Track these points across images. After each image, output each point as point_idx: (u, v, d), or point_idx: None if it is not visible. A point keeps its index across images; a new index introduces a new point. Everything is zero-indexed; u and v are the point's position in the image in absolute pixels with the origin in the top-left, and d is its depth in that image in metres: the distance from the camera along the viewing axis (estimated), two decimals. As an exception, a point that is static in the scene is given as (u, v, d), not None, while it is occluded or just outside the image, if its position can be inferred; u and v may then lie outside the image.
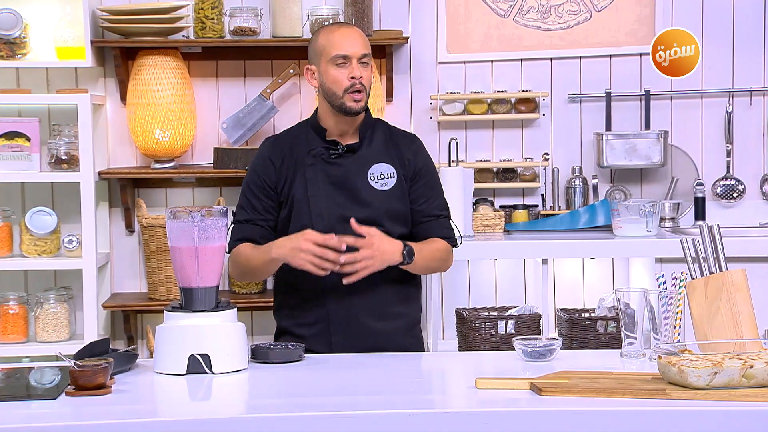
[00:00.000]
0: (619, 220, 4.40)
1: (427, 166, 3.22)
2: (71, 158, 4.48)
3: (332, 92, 3.09)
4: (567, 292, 4.78)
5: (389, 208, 3.13)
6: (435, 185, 3.22)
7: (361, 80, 3.08)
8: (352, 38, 3.10)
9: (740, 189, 4.83)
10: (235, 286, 4.68)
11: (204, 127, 4.74)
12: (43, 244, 4.50)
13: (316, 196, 3.11)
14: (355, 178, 3.13)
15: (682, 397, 2.36)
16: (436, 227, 3.17)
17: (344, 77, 3.07)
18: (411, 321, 3.20)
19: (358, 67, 3.08)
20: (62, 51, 4.56)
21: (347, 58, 3.08)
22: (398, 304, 3.15)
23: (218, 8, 4.59)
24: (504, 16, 4.82)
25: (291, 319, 3.18)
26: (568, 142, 4.84)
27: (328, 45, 3.10)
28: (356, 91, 3.07)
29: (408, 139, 3.25)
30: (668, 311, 2.86)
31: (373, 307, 3.10)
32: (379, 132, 3.20)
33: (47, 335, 4.48)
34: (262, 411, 2.38)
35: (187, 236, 2.71)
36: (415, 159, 3.19)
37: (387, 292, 3.12)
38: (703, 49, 4.73)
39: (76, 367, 2.46)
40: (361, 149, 3.15)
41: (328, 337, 3.11)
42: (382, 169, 3.15)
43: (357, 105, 3.08)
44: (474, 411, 2.34)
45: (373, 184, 3.13)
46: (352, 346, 3.08)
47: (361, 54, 3.09)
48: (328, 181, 3.12)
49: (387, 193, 3.14)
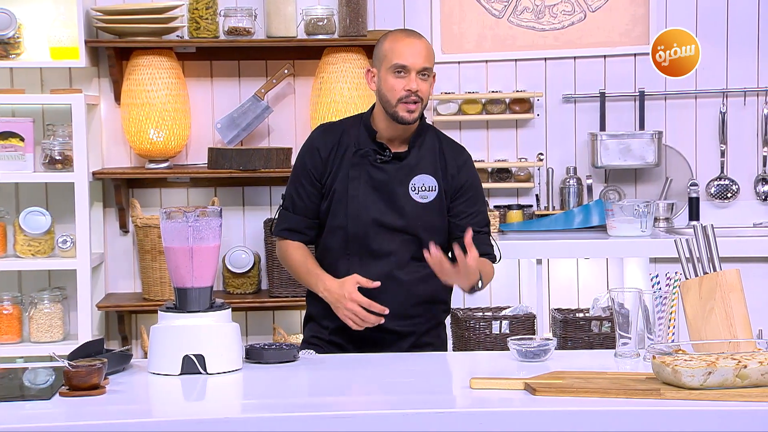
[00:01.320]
0: (614, 221, 4.41)
1: (472, 182, 3.20)
2: (65, 158, 4.47)
3: (386, 99, 3.08)
4: (561, 292, 4.78)
5: (425, 220, 3.12)
6: (478, 201, 3.20)
7: (418, 93, 3.06)
8: (415, 49, 3.07)
9: (734, 189, 4.84)
10: (229, 287, 4.68)
11: (198, 127, 4.74)
12: (37, 245, 4.49)
13: (355, 197, 3.12)
14: (397, 186, 3.12)
15: (676, 397, 2.36)
16: (478, 244, 3.08)
17: (400, 87, 3.05)
18: (433, 322, 3.21)
19: (417, 80, 3.06)
20: (56, 51, 4.55)
21: (407, 68, 3.06)
22: (422, 306, 3.15)
23: (213, 8, 4.58)
24: (498, 17, 4.82)
25: (316, 306, 3.19)
26: (562, 142, 4.84)
27: (390, 52, 3.08)
28: (411, 102, 3.06)
29: (456, 151, 3.22)
30: (662, 311, 2.86)
31: (395, 309, 3.06)
32: (429, 141, 3.18)
33: (41, 335, 4.48)
34: (256, 411, 2.38)
35: (182, 236, 2.71)
36: (458, 175, 3.17)
37: (410, 295, 3.12)
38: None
39: (70, 367, 2.46)
40: (408, 158, 3.14)
41: (350, 332, 3.09)
42: (424, 180, 3.14)
43: (409, 116, 3.07)
44: (468, 411, 2.34)
45: (413, 195, 3.13)
46: (374, 342, 3.09)
47: (422, 67, 3.07)
48: (370, 184, 3.12)
49: (425, 205, 3.13)
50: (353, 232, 3.08)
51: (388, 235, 3.10)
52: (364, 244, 3.11)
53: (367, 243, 3.11)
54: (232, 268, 4.64)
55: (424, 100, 3.09)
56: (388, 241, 3.10)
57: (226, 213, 4.57)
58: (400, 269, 3.11)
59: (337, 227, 3.12)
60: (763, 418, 2.28)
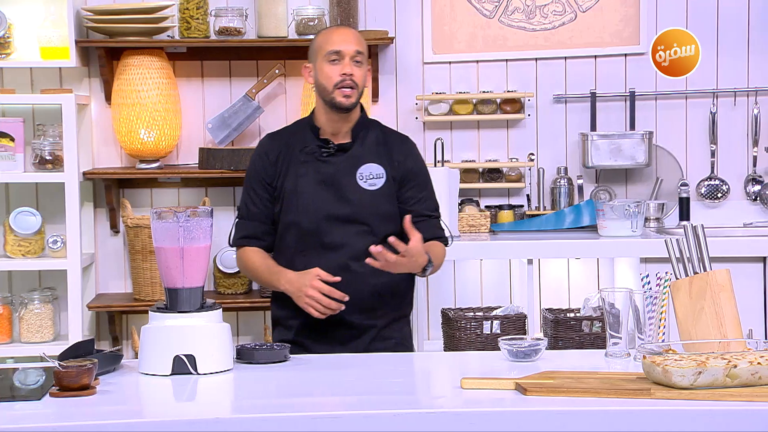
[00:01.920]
0: (604, 221, 4.42)
1: (418, 168, 3.27)
2: (56, 158, 4.46)
3: (323, 87, 3.16)
4: (552, 292, 4.79)
5: (376, 207, 3.18)
6: (426, 186, 3.27)
7: (352, 77, 3.14)
8: (346, 36, 3.17)
9: (724, 189, 4.85)
10: (220, 287, 4.68)
11: (189, 128, 4.74)
12: (28, 245, 4.48)
13: (305, 193, 3.18)
14: (344, 177, 3.19)
15: (666, 396, 2.36)
16: (428, 228, 3.21)
17: (335, 73, 3.14)
18: (394, 316, 3.24)
19: (350, 65, 3.14)
20: (46, 51, 4.54)
21: (340, 54, 3.14)
22: (379, 299, 3.19)
23: (203, 8, 4.58)
24: (489, 17, 4.82)
25: (280, 309, 3.26)
26: (553, 142, 4.85)
27: (323, 43, 3.18)
28: (346, 87, 3.13)
29: (400, 140, 3.30)
30: (653, 311, 2.86)
31: (353, 302, 3.11)
32: (372, 132, 3.26)
33: (32, 336, 4.47)
34: (247, 411, 2.38)
35: (172, 237, 2.71)
36: (405, 161, 3.24)
37: (368, 288, 3.16)
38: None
39: (60, 367, 2.45)
40: (352, 149, 3.21)
41: (313, 329, 3.16)
42: (371, 169, 3.21)
43: (346, 101, 3.14)
44: (459, 411, 2.34)
45: (362, 183, 3.19)
46: (336, 337, 3.16)
47: (354, 51, 3.15)
48: (318, 178, 3.19)
49: (374, 193, 3.19)
50: (306, 227, 3.16)
51: (341, 226, 3.16)
52: (318, 238, 3.16)
53: (320, 237, 3.16)
54: (223, 268, 4.64)
55: (360, 86, 3.17)
56: (341, 234, 3.16)
57: (217, 213, 4.52)
58: (356, 261, 3.14)
59: (290, 224, 3.19)
60: (753, 417, 2.29)
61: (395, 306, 3.25)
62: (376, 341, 3.19)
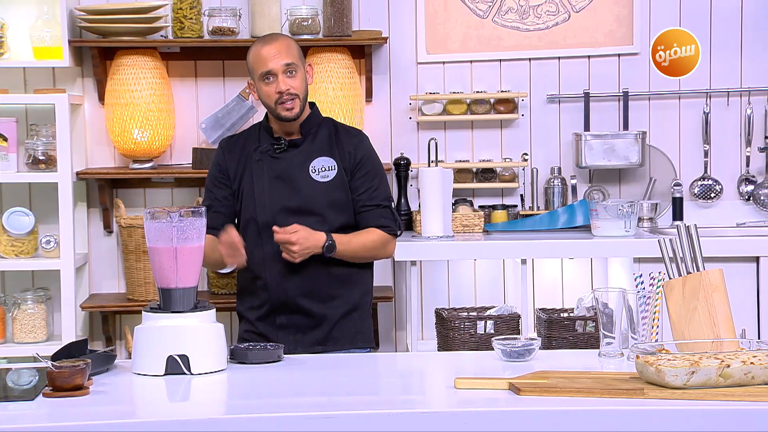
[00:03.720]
0: (598, 221, 4.42)
1: (368, 158, 3.43)
2: (49, 158, 4.46)
3: (267, 105, 3.37)
4: (546, 292, 4.79)
5: (329, 198, 3.35)
6: (375, 176, 3.42)
7: (289, 91, 3.31)
8: (272, 52, 3.32)
9: (717, 189, 4.86)
10: (214, 287, 4.67)
11: (183, 127, 4.73)
12: (21, 245, 4.47)
13: (261, 189, 3.36)
14: (297, 171, 3.37)
15: (659, 396, 2.37)
16: (374, 217, 3.38)
17: (272, 92, 3.32)
18: (352, 305, 3.39)
19: (284, 80, 3.30)
20: (39, 51, 4.54)
21: (271, 72, 3.31)
22: (334, 287, 3.36)
23: (197, 8, 4.57)
24: (483, 17, 4.83)
25: (243, 303, 3.45)
26: (546, 142, 4.85)
27: (254, 64, 3.36)
28: (285, 101, 3.30)
29: (350, 134, 3.47)
30: (646, 311, 2.87)
31: (308, 290, 3.33)
32: (324, 129, 3.43)
33: (24, 336, 4.46)
34: (241, 412, 2.38)
35: (166, 237, 2.71)
36: (355, 151, 3.41)
37: (320, 274, 3.33)
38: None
39: (53, 368, 2.45)
40: (303, 144, 3.39)
41: (273, 319, 3.35)
42: (323, 162, 3.38)
43: (290, 113, 3.33)
44: (453, 411, 2.34)
45: (314, 176, 3.37)
46: (295, 326, 3.34)
47: (283, 65, 3.30)
48: (272, 174, 3.37)
49: (327, 184, 3.36)
50: (263, 221, 3.34)
51: (296, 218, 3.31)
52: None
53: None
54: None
55: (301, 94, 3.34)
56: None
57: (211, 213, 4.56)
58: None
59: (249, 220, 3.38)
60: (746, 417, 2.29)
61: (353, 295, 3.40)
62: (335, 330, 3.35)
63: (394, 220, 3.43)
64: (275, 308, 3.36)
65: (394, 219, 3.43)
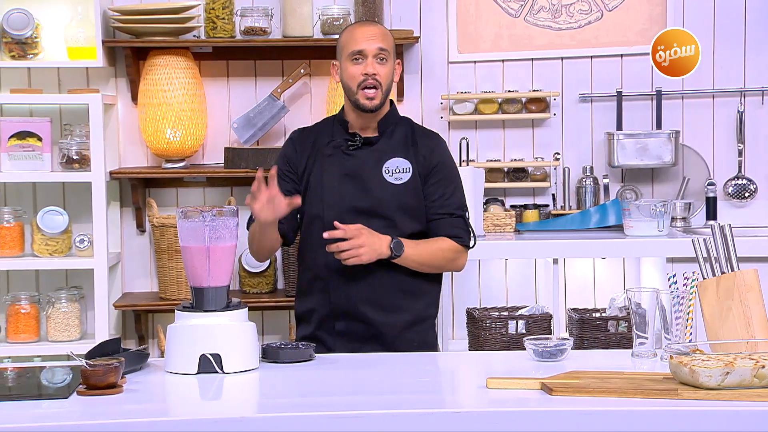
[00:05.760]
0: (630, 220, 4.40)
1: (444, 163, 3.21)
2: (82, 158, 4.49)
3: (348, 87, 3.14)
4: (578, 292, 4.77)
5: (401, 202, 3.14)
6: (451, 183, 3.21)
7: (375, 76, 3.10)
8: (369, 34, 3.13)
9: (752, 189, 4.82)
10: (245, 286, 4.69)
11: (215, 127, 4.75)
12: (55, 244, 4.51)
13: (329, 186, 3.15)
14: (370, 171, 3.16)
15: (693, 397, 2.35)
16: (446, 226, 3.16)
17: (358, 73, 3.11)
18: (416, 317, 3.18)
19: (373, 63, 3.11)
20: (73, 51, 4.57)
21: (362, 53, 3.11)
22: (401, 297, 3.15)
23: (229, 8, 4.59)
24: (515, 16, 4.81)
25: (301, 305, 3.24)
26: (578, 141, 4.83)
27: (346, 42, 3.15)
28: (368, 87, 3.10)
29: (428, 136, 3.26)
30: (679, 311, 2.85)
31: (372, 298, 3.12)
32: (401, 128, 3.23)
33: (58, 335, 4.49)
34: (272, 411, 2.38)
35: (198, 236, 2.71)
36: (431, 155, 3.20)
37: (387, 284, 3.13)
38: (714, 49, 4.73)
39: (87, 366, 2.46)
40: (379, 143, 3.18)
41: (332, 324, 3.15)
42: (398, 163, 3.17)
43: (369, 103, 3.11)
44: (484, 411, 2.34)
45: (387, 177, 3.16)
46: (354, 334, 3.13)
47: (377, 49, 3.11)
48: (343, 172, 3.16)
49: (400, 187, 3.15)
50: (329, 220, 3.08)
51: (364, 220, 3.09)
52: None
53: None
54: (248, 267, 4.65)
55: (384, 85, 3.13)
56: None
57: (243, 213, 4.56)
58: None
59: (314, 217, 3.15)
60: (781, 418, 2.27)
61: (418, 306, 3.18)
62: (397, 342, 3.13)
63: (467, 231, 3.18)
64: (335, 313, 3.13)
65: (467, 230, 3.19)
